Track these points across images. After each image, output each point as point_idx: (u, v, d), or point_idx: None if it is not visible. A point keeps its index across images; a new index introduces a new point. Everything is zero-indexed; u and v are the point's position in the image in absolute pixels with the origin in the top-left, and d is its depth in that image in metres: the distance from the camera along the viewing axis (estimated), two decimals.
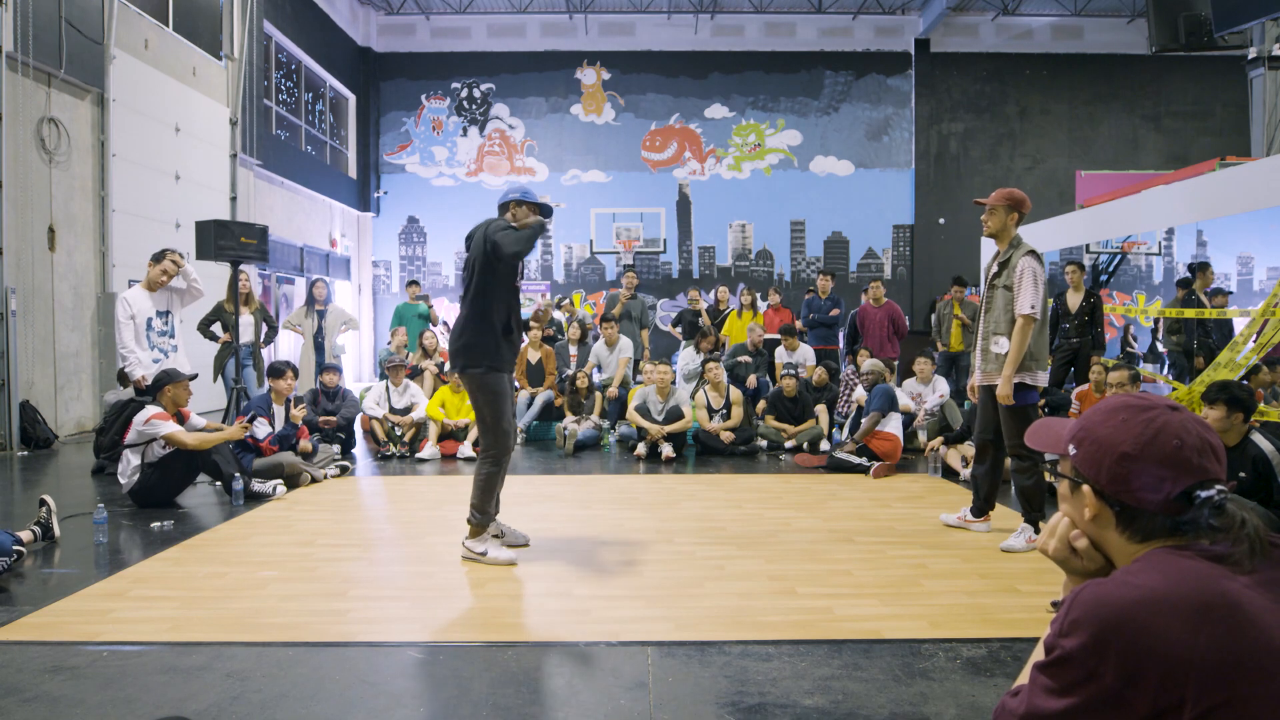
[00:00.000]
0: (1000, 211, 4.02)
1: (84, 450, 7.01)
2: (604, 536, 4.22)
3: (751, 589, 3.34)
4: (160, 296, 5.85)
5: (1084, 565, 1.15)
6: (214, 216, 8.62)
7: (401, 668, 2.56)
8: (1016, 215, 4.02)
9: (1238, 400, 3.76)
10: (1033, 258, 3.91)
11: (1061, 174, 15.41)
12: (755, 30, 15.47)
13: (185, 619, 2.99)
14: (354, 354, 14.08)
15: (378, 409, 7.02)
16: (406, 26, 15.59)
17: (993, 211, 4.04)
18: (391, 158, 15.63)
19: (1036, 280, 3.86)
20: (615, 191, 15.48)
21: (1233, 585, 0.97)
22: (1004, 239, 4.05)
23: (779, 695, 2.35)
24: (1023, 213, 4.03)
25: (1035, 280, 3.86)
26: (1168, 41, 9.25)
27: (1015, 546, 3.94)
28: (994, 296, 4.05)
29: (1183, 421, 1.07)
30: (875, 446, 6.17)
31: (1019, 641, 2.75)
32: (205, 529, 4.35)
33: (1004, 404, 3.94)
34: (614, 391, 7.84)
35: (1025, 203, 4.03)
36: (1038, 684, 1.03)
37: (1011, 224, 4.02)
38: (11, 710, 2.25)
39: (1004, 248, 4.05)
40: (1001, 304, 4.00)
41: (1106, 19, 15.31)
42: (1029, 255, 3.92)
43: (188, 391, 5.11)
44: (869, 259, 15.59)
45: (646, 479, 5.96)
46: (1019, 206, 4.01)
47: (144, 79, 9.06)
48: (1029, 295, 3.86)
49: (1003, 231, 4.04)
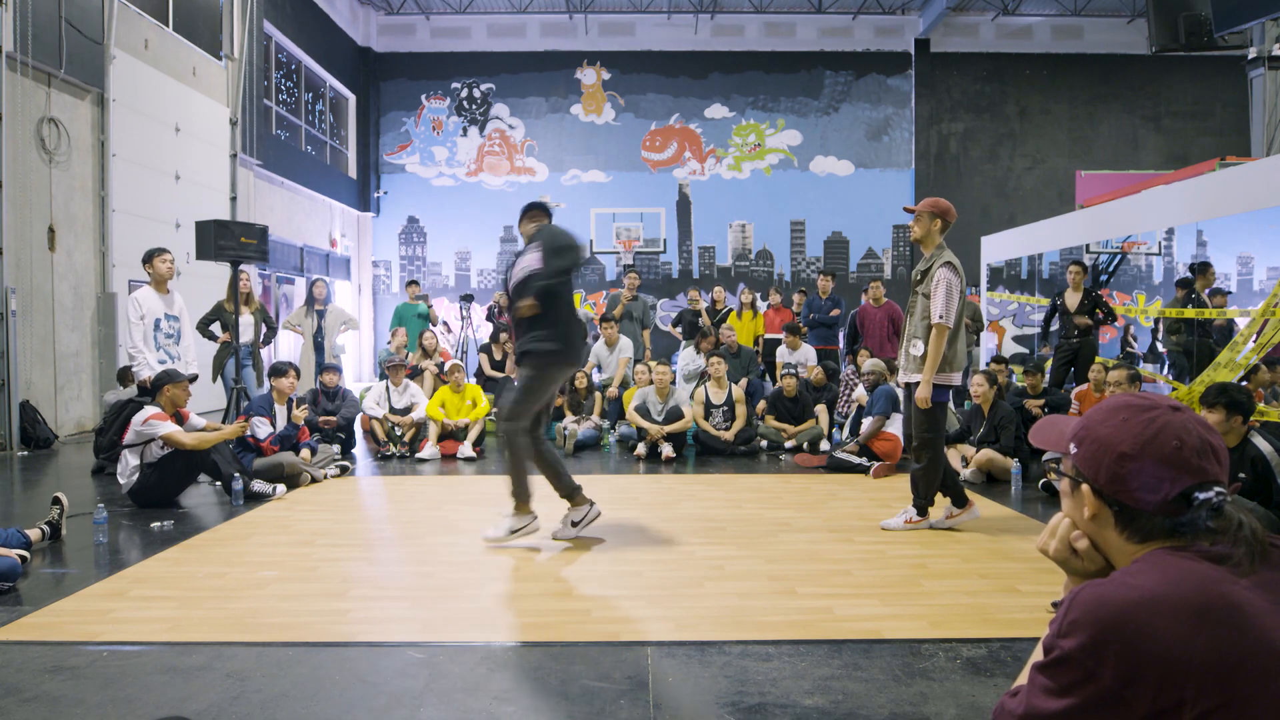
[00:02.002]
0: (925, 218, 4.19)
1: (84, 450, 7.01)
2: (604, 536, 4.22)
3: (751, 589, 3.34)
4: (169, 298, 5.91)
5: (1084, 566, 1.15)
6: (214, 216, 8.62)
7: (401, 668, 2.56)
8: (940, 223, 4.19)
9: (1237, 403, 3.75)
10: (949, 269, 4.09)
11: (1061, 174, 15.41)
12: (755, 30, 15.46)
13: (185, 619, 2.99)
14: (354, 354, 14.08)
15: (378, 409, 7.02)
16: (406, 26, 15.59)
17: (918, 219, 4.23)
18: (391, 158, 15.63)
19: (950, 291, 4.05)
20: (615, 191, 15.48)
21: (1232, 587, 0.97)
22: (928, 245, 4.23)
23: (779, 695, 2.35)
24: (947, 221, 4.20)
25: (949, 290, 4.06)
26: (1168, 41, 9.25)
27: (893, 525, 4.25)
28: (915, 302, 4.26)
29: (1184, 422, 1.07)
30: (875, 446, 6.17)
31: (1019, 641, 2.75)
32: (205, 529, 4.35)
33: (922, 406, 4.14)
34: (614, 391, 7.85)
35: (950, 212, 4.21)
36: (1036, 684, 1.03)
37: (935, 231, 4.20)
38: (11, 710, 2.25)
39: (927, 255, 4.22)
40: (920, 310, 4.20)
41: (1106, 19, 15.31)
42: (945, 266, 4.10)
43: (186, 393, 5.11)
44: (869, 259, 15.59)
45: (646, 479, 5.96)
46: (944, 215, 4.19)
47: (144, 79, 9.06)
48: (940, 304, 4.05)
49: (927, 238, 4.22)
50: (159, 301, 5.85)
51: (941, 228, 4.19)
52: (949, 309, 4.05)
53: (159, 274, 5.88)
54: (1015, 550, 3.95)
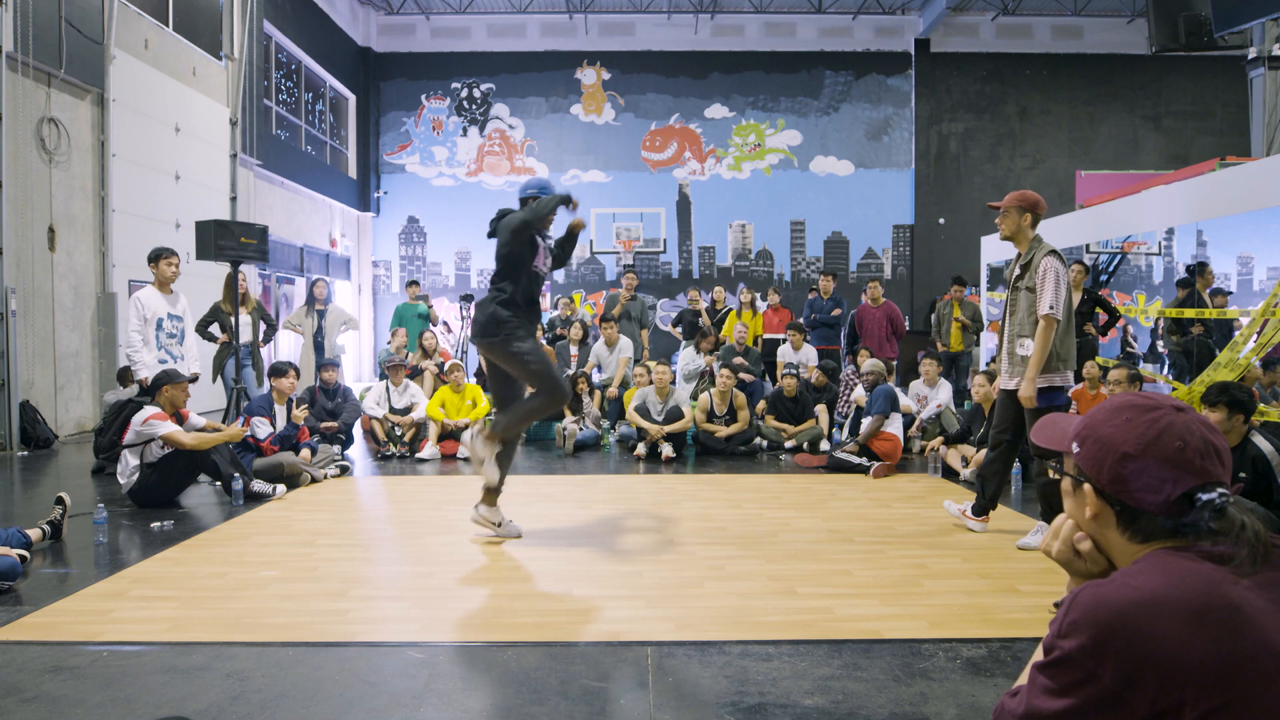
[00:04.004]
0: (1013, 214, 3.99)
1: (84, 450, 7.00)
2: (604, 536, 4.21)
3: (751, 589, 3.34)
4: (172, 298, 5.93)
5: (1087, 567, 1.15)
6: (214, 216, 8.61)
7: (401, 668, 2.56)
8: (1030, 216, 3.98)
9: (1238, 403, 3.75)
10: (1055, 258, 3.87)
11: (1061, 174, 15.40)
12: (755, 30, 15.46)
13: (185, 619, 2.99)
14: (354, 354, 14.08)
15: (378, 409, 7.02)
16: (406, 26, 15.59)
17: (1006, 214, 4.02)
18: (391, 158, 15.63)
19: (1059, 280, 3.82)
20: (615, 191, 15.47)
21: (1233, 587, 0.97)
22: (1022, 241, 4.02)
23: (779, 695, 2.35)
24: (1037, 214, 3.99)
25: (1058, 280, 3.82)
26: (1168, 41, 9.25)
27: (1031, 544, 3.96)
28: (1017, 299, 4.01)
29: (1187, 422, 1.07)
30: (875, 446, 6.17)
31: (1019, 641, 2.75)
32: (205, 529, 4.35)
33: (1027, 406, 3.90)
34: (614, 391, 7.86)
35: (1040, 204, 4.00)
36: (1037, 685, 1.03)
37: (1026, 225, 3.99)
38: (11, 710, 2.25)
39: (1024, 249, 4.02)
40: (1025, 306, 3.97)
41: (1106, 19, 15.30)
42: (1051, 255, 3.88)
43: (186, 393, 5.12)
44: (869, 259, 15.58)
45: (646, 479, 5.96)
46: (1033, 208, 3.98)
47: (144, 79, 9.06)
48: (1049, 295, 3.82)
49: (1019, 234, 4.01)
50: (162, 301, 5.88)
51: (1032, 221, 3.98)
52: (1058, 299, 3.80)
53: (163, 276, 5.89)
54: (1015, 550, 3.95)
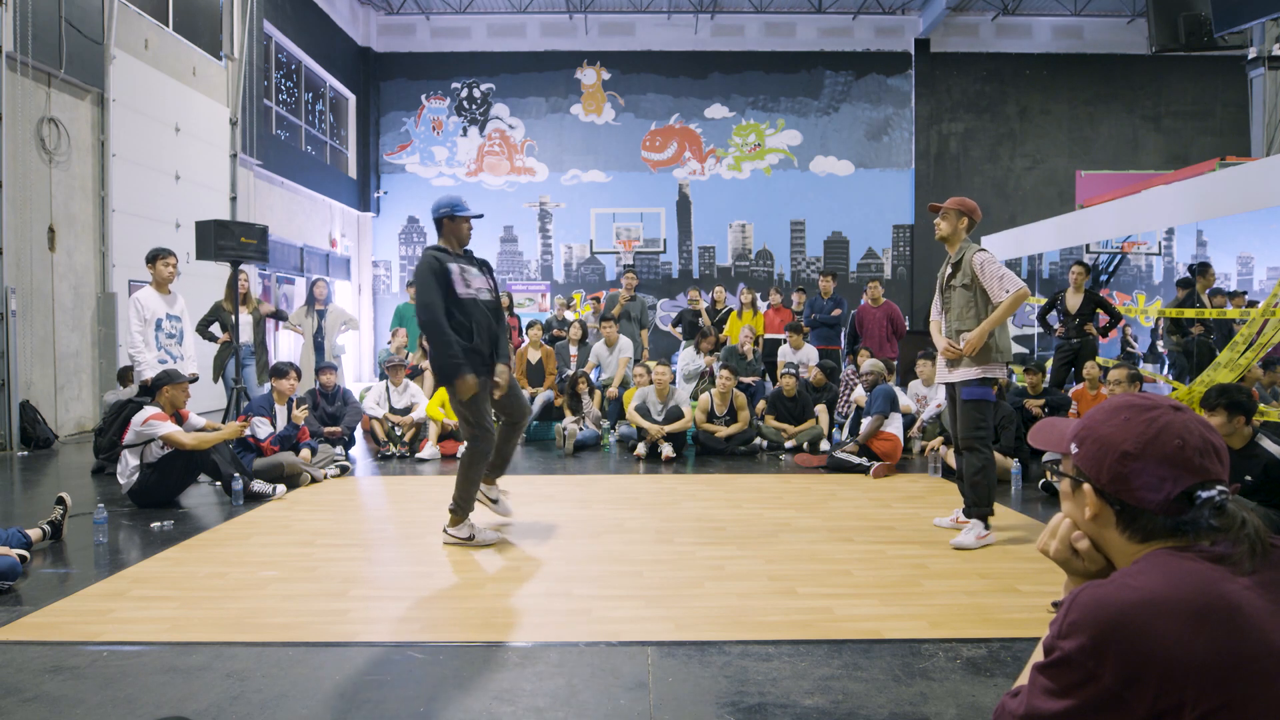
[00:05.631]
0: (953, 216, 4.21)
1: (84, 450, 7.01)
2: (604, 536, 4.22)
3: (751, 589, 3.34)
4: (170, 298, 5.93)
5: (1085, 566, 1.15)
6: (214, 216, 8.62)
7: (401, 668, 2.56)
8: (967, 220, 4.22)
9: (1237, 404, 3.73)
10: (981, 252, 4.11)
11: (1061, 174, 15.41)
12: (755, 30, 15.46)
13: (185, 619, 2.99)
14: (354, 354, 14.08)
15: (378, 409, 7.02)
16: (406, 26, 15.59)
17: (945, 215, 4.23)
18: (391, 158, 15.63)
19: (995, 264, 4.04)
20: (615, 191, 15.48)
21: (1233, 587, 0.97)
22: (954, 243, 4.25)
23: (779, 695, 2.35)
24: (973, 220, 4.22)
25: (994, 265, 4.03)
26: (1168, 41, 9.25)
27: (966, 544, 3.96)
28: (951, 297, 4.23)
29: (1185, 422, 1.07)
30: (875, 446, 6.17)
31: (1019, 641, 2.75)
32: (205, 529, 4.35)
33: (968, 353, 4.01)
34: (614, 391, 7.85)
35: (976, 211, 4.24)
36: (1037, 685, 1.03)
37: (962, 228, 4.23)
38: (11, 710, 2.25)
39: (954, 251, 4.24)
40: (960, 302, 4.16)
41: (1106, 19, 15.31)
42: (978, 251, 4.13)
43: (185, 393, 5.12)
44: (869, 259, 15.59)
45: (646, 479, 5.96)
46: (971, 213, 4.22)
47: (144, 79, 9.06)
48: (996, 281, 3.98)
49: (954, 235, 4.24)
50: (161, 302, 5.89)
51: (968, 226, 4.23)
52: (1007, 276, 3.96)
53: (160, 276, 5.92)
54: (1015, 550, 3.94)
